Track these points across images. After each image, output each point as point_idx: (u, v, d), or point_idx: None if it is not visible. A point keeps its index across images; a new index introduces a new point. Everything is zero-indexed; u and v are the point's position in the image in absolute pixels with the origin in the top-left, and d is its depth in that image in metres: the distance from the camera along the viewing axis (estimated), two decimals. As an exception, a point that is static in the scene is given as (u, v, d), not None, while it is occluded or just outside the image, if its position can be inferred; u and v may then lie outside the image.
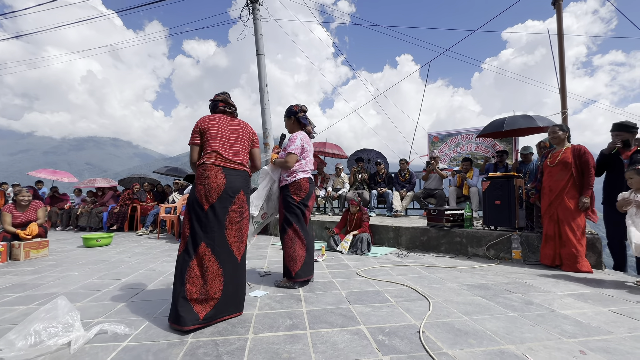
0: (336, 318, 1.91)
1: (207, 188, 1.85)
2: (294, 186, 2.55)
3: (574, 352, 1.51)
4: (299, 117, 2.65)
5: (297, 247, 2.52)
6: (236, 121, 2.07)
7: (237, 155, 1.98)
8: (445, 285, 2.55)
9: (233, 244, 1.88)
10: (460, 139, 6.42)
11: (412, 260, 3.52)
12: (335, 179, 6.63)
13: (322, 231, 5.13)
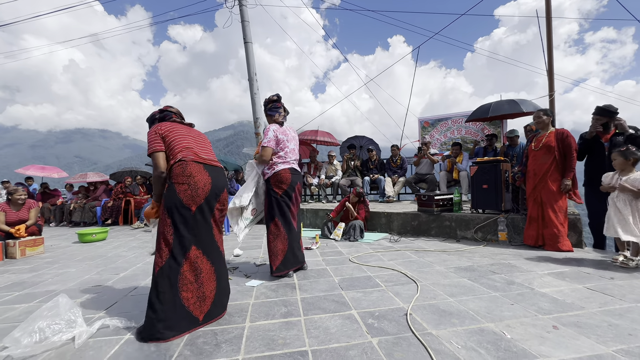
0: (329, 304, 2.00)
1: (192, 188, 1.69)
2: (274, 178, 2.52)
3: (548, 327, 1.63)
4: (267, 109, 2.62)
5: (278, 242, 2.51)
6: (194, 130, 1.91)
7: (211, 154, 1.85)
8: (433, 268, 2.65)
9: (219, 240, 1.84)
10: (450, 123, 6.47)
11: (403, 245, 3.60)
12: (328, 167, 6.67)
13: (317, 219, 5.20)
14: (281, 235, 2.52)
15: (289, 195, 2.55)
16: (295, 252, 2.59)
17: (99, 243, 4.48)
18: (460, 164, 5.32)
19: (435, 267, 2.70)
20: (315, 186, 6.35)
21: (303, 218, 5.34)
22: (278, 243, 2.52)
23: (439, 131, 6.61)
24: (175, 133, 1.80)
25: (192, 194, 1.70)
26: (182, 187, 1.70)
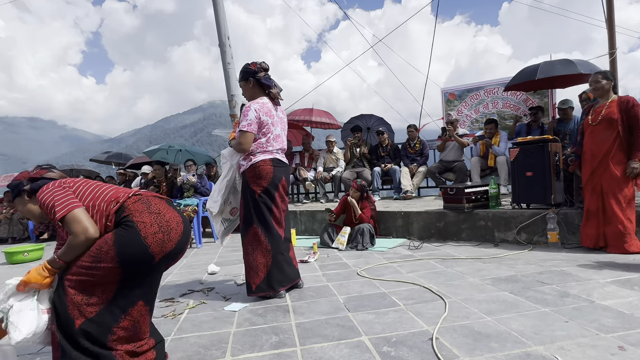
0: (332, 330, 2.02)
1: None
2: (251, 172, 2.51)
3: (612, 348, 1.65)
4: (260, 78, 2.56)
5: (257, 254, 2.50)
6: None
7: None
8: (465, 280, 2.68)
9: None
10: (482, 94, 6.49)
11: (426, 253, 3.65)
12: (327, 156, 6.70)
13: (314, 223, 5.24)
14: (261, 245, 2.51)
15: (269, 194, 2.53)
16: (284, 266, 2.59)
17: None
18: (497, 147, 5.35)
19: (467, 278, 2.73)
20: (311, 182, 6.37)
21: (296, 223, 5.37)
22: (258, 255, 2.51)
23: (469, 105, 6.64)
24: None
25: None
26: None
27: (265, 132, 2.53)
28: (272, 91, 2.61)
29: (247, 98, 2.66)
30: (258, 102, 2.52)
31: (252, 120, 2.47)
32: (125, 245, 1.51)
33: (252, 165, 2.51)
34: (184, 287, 3.01)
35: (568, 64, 4.95)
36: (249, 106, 2.49)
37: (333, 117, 7.28)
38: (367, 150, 6.51)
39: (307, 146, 6.99)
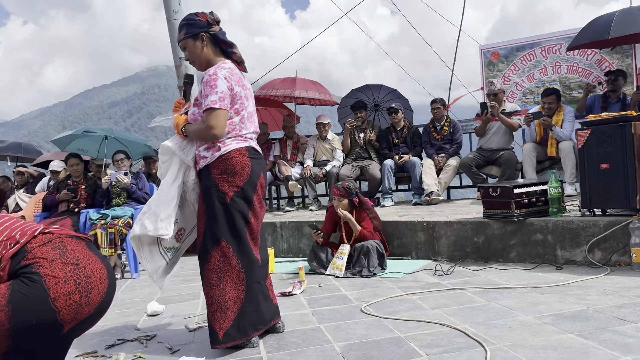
0: (325, 393, 2.01)
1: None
2: (220, 167, 2.48)
3: None
4: (217, 34, 2.56)
5: (227, 286, 2.46)
6: None
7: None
8: (515, 318, 2.69)
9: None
10: (539, 54, 6.56)
11: (460, 280, 3.66)
12: (318, 145, 6.72)
13: (300, 239, 5.25)
14: (233, 271, 2.49)
15: (247, 197, 2.52)
16: (260, 302, 2.58)
17: None
18: (560, 129, 5.40)
19: (518, 316, 2.74)
20: (297, 181, 6.37)
21: (276, 240, 5.37)
22: (227, 287, 2.48)
23: (519, 70, 6.68)
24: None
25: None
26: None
27: (238, 108, 2.54)
28: (235, 52, 2.60)
29: (196, 64, 2.62)
30: (225, 68, 2.50)
31: (224, 93, 2.44)
32: (23, 307, 1.47)
33: (221, 158, 2.48)
34: (112, 335, 2.98)
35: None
36: (215, 73, 2.46)
37: (326, 90, 7.28)
38: (374, 135, 6.53)
39: (289, 131, 6.99)
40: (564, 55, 6.32)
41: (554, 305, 2.89)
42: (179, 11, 6.19)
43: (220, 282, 2.48)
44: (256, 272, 2.57)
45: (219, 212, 2.47)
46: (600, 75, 6.12)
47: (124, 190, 5.25)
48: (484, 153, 5.94)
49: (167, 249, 2.73)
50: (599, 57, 6.19)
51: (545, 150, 5.49)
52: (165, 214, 2.53)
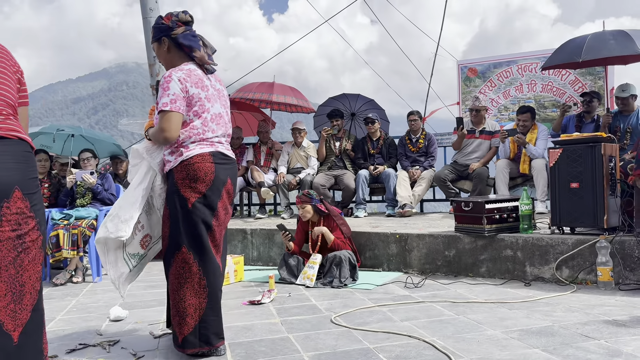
0: (293, 402, 2.04)
1: None
2: (182, 172, 2.50)
3: None
4: (177, 37, 2.58)
5: (187, 292, 2.49)
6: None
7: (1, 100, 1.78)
8: (482, 333, 2.77)
9: (2, 309, 1.67)
10: (516, 72, 6.76)
11: (430, 293, 3.72)
12: (293, 152, 6.75)
13: (271, 248, 5.26)
14: (193, 278, 2.50)
15: (209, 203, 2.54)
16: (220, 313, 2.59)
17: None
18: (534, 146, 5.57)
19: (485, 330, 2.81)
20: (269, 188, 6.39)
21: (246, 247, 5.36)
22: (188, 293, 2.50)
23: (496, 86, 6.88)
24: None
25: None
26: None
27: (198, 111, 2.55)
28: (196, 55, 2.60)
29: (164, 67, 2.67)
30: (182, 69, 2.53)
31: (176, 95, 2.46)
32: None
33: (183, 163, 2.50)
34: (73, 340, 2.94)
35: (625, 38, 5.04)
36: (169, 75, 2.49)
37: (303, 96, 7.35)
38: (350, 145, 6.61)
39: (264, 136, 7.01)
40: (540, 74, 6.54)
41: (521, 321, 2.96)
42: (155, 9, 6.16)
43: (180, 288, 2.49)
44: (218, 280, 2.59)
45: (181, 218, 2.49)
46: (573, 96, 6.36)
47: (89, 190, 5.17)
48: (458, 167, 6.07)
49: (131, 255, 2.71)
50: (572, 77, 6.44)
51: (518, 166, 5.65)
52: (127, 216, 2.53)
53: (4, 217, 1.64)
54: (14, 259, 1.68)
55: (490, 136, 6.04)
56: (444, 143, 6.86)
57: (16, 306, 1.69)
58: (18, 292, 1.70)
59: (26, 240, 1.71)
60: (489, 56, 6.93)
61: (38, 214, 1.76)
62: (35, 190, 1.77)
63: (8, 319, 1.66)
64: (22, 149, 1.73)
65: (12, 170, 1.67)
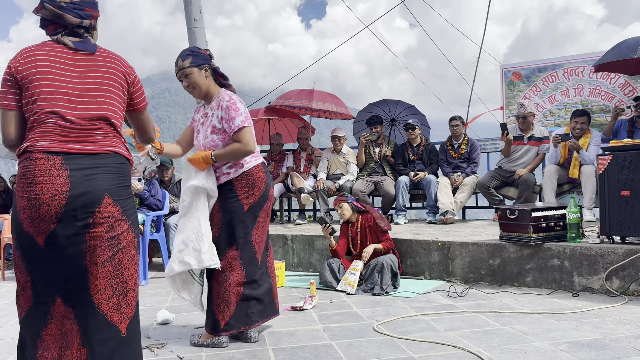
0: (337, 409, 2.05)
1: (32, 204, 1.76)
2: (242, 182, 2.89)
3: None
4: (218, 68, 2.97)
5: (232, 281, 2.88)
6: (90, 58, 1.95)
7: (88, 110, 1.88)
8: (529, 344, 2.71)
9: (104, 301, 1.84)
10: (562, 76, 6.60)
11: (474, 303, 3.67)
12: (332, 158, 6.78)
13: (311, 254, 5.29)
14: (238, 268, 2.90)
15: (261, 207, 2.96)
16: (265, 297, 2.99)
17: None
18: (586, 152, 5.41)
19: (532, 342, 2.76)
20: (309, 194, 6.44)
21: (287, 253, 5.42)
22: (232, 282, 2.88)
23: (541, 91, 6.73)
24: (40, 80, 1.85)
25: (31, 215, 1.78)
26: (20, 202, 1.81)
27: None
28: (231, 84, 3.04)
29: (196, 92, 2.92)
30: (231, 94, 2.93)
31: (247, 113, 2.87)
32: (12, 217, 1.89)
33: (244, 173, 2.89)
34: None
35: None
36: (231, 99, 2.86)
37: (342, 103, 7.36)
38: (390, 151, 6.59)
39: (304, 143, 7.07)
40: (587, 78, 6.36)
41: (570, 333, 2.90)
42: (199, 19, 6.33)
43: (227, 277, 2.86)
44: (259, 271, 2.96)
45: (236, 221, 2.86)
46: (623, 100, 6.15)
47: (137, 196, 5.35)
48: (503, 173, 5.96)
49: (197, 274, 3.00)
50: (622, 81, 6.23)
51: (566, 172, 5.51)
52: (207, 247, 2.80)
53: (96, 220, 1.82)
54: (110, 257, 1.86)
55: (539, 142, 5.90)
56: (487, 149, 6.76)
57: (120, 300, 1.88)
58: (121, 288, 1.89)
59: (122, 241, 1.89)
60: (534, 60, 6.79)
61: (131, 218, 1.95)
62: (127, 197, 1.95)
63: (112, 311, 1.86)
64: (116, 162, 1.92)
65: (102, 180, 1.84)
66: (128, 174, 1.98)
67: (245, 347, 2.88)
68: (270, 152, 7.32)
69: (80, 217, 1.79)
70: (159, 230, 5.48)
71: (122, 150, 1.96)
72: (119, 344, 1.86)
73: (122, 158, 1.96)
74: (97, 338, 1.81)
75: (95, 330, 1.81)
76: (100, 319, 1.83)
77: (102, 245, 1.83)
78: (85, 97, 1.89)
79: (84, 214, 1.79)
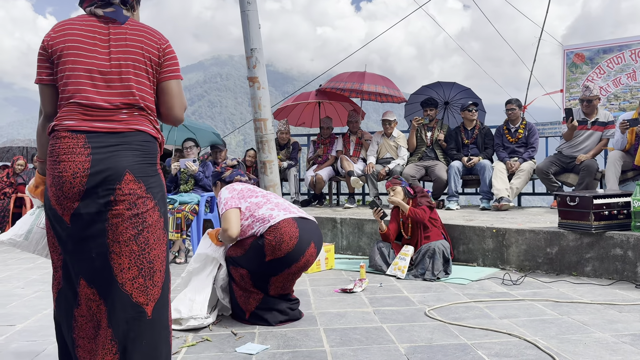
0: (390, 392, 2.05)
1: (57, 182, 1.78)
2: (269, 235, 2.92)
3: None
4: (225, 178, 3.42)
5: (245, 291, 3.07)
6: (119, 31, 1.91)
7: (117, 95, 1.86)
8: (590, 335, 2.64)
9: (128, 281, 1.79)
10: (628, 57, 6.27)
11: (530, 291, 3.59)
12: (383, 142, 6.71)
13: (361, 237, 5.29)
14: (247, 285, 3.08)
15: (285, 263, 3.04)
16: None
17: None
18: None
19: (593, 332, 2.68)
20: (359, 177, 6.41)
21: (335, 236, 5.43)
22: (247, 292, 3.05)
23: (605, 73, 6.40)
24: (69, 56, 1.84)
25: (56, 193, 1.78)
26: (49, 180, 1.82)
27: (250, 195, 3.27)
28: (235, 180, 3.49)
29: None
30: (224, 190, 3.23)
31: (232, 197, 3.20)
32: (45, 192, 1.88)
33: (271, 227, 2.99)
34: (178, 317, 3.15)
35: None
36: (218, 197, 3.25)
37: (394, 85, 7.25)
38: (443, 135, 6.44)
39: (353, 126, 7.03)
40: (656, 59, 6.00)
41: (634, 325, 2.79)
42: (252, 2, 6.34)
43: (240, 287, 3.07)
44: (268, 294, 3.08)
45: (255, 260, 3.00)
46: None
47: (192, 177, 5.49)
48: (563, 159, 5.73)
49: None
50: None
51: (632, 159, 5.24)
52: (201, 300, 2.95)
53: (118, 198, 1.77)
54: (134, 236, 1.80)
55: (603, 127, 5.62)
56: (546, 133, 6.51)
57: (146, 281, 1.81)
58: (147, 269, 1.82)
59: (147, 219, 1.83)
60: (598, 40, 6.47)
61: (157, 196, 1.88)
62: (152, 174, 1.88)
63: (137, 292, 1.79)
64: (139, 139, 1.85)
65: (124, 157, 1.80)
66: (154, 151, 1.91)
67: (296, 325, 2.94)
68: (320, 135, 7.33)
69: (102, 194, 1.76)
70: (213, 210, 5.61)
71: (147, 129, 1.90)
72: (144, 326, 1.81)
73: (148, 136, 1.89)
74: (122, 318, 1.77)
75: (120, 311, 1.77)
76: (125, 299, 1.78)
77: (124, 223, 1.78)
78: (111, 75, 1.85)
79: (106, 191, 1.76)
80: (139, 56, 1.89)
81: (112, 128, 1.81)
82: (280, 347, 2.58)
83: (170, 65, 1.98)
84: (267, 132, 6.00)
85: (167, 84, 1.97)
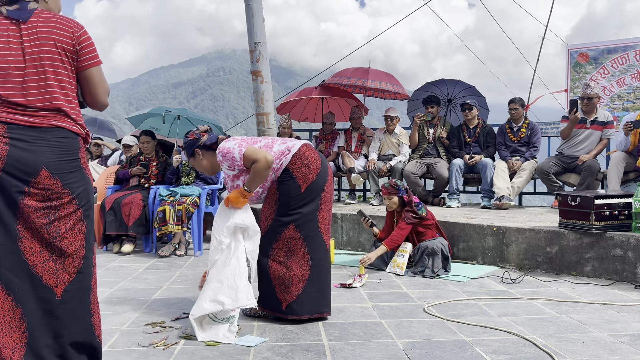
0: (387, 386, 2.05)
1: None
2: (298, 163, 2.84)
3: None
4: (205, 142, 2.96)
5: (293, 263, 2.85)
6: (28, 27, 1.89)
7: (37, 95, 1.88)
8: (588, 335, 2.64)
9: (38, 264, 1.88)
10: (633, 58, 6.26)
11: (529, 290, 3.60)
12: (385, 138, 6.71)
13: (360, 233, 5.29)
14: (299, 252, 2.86)
15: (320, 188, 2.92)
16: (325, 287, 2.90)
17: None
18: None
19: (591, 332, 2.69)
20: (360, 174, 6.41)
21: (335, 231, 5.45)
22: (294, 265, 2.85)
23: (609, 73, 6.38)
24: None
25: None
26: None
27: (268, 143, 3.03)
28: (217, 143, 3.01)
29: (205, 171, 3.11)
30: (221, 147, 2.91)
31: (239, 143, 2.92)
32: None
33: (294, 155, 2.86)
34: (178, 309, 3.16)
35: None
36: (220, 153, 2.90)
37: (398, 82, 7.22)
38: (445, 132, 6.44)
39: (356, 122, 7.02)
40: (660, 60, 5.98)
41: (632, 325, 2.80)
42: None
43: (287, 259, 2.84)
44: (322, 257, 2.90)
45: (293, 200, 2.85)
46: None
47: (193, 169, 5.49)
48: (564, 159, 5.72)
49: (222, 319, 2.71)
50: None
51: (634, 160, 5.23)
52: (244, 285, 2.67)
53: (32, 191, 1.84)
54: (46, 225, 1.87)
55: (602, 127, 5.61)
56: (549, 133, 6.50)
57: (57, 265, 1.90)
58: (58, 254, 1.90)
59: (59, 211, 1.89)
60: (603, 40, 6.48)
61: (75, 191, 1.93)
62: (71, 170, 1.92)
63: (47, 274, 1.89)
64: (58, 135, 1.90)
65: (41, 153, 1.85)
66: (74, 147, 1.94)
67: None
68: (323, 130, 7.32)
69: (15, 183, 1.82)
70: (214, 203, 5.61)
71: (67, 125, 1.93)
72: (54, 306, 1.89)
73: (67, 132, 1.93)
74: (32, 297, 1.85)
75: (30, 290, 1.85)
76: (36, 280, 1.86)
77: (36, 213, 1.85)
78: (28, 70, 1.87)
79: (20, 182, 1.82)
80: (52, 48, 1.90)
81: (32, 122, 1.86)
82: (279, 340, 2.59)
83: (88, 53, 1.99)
84: (269, 127, 6.00)
85: (87, 72, 1.99)
